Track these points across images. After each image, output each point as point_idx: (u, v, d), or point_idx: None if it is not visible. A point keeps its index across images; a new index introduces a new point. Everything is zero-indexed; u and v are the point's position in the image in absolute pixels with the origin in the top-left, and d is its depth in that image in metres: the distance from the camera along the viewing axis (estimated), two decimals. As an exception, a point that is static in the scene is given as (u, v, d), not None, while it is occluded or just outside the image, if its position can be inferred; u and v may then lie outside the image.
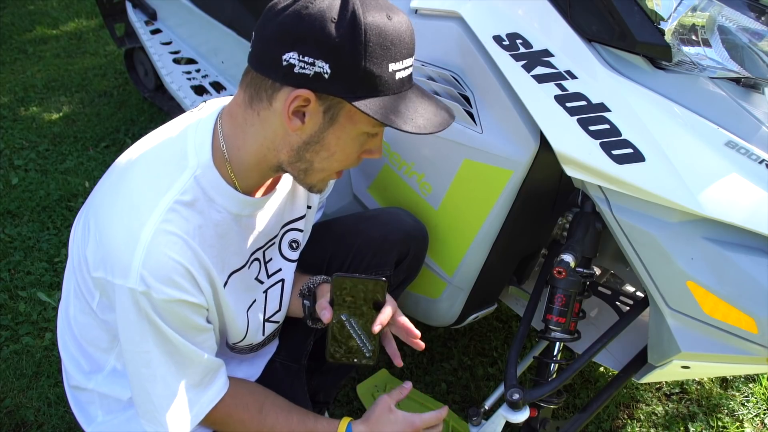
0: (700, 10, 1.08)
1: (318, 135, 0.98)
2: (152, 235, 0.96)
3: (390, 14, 0.93)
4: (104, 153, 2.87)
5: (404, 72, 0.97)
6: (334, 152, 1.01)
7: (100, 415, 1.20)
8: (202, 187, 1.02)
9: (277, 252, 1.22)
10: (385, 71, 0.93)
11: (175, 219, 0.98)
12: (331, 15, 0.90)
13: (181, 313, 1.00)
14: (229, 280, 1.10)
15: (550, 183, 1.35)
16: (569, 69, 1.15)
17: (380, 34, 0.91)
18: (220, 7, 2.41)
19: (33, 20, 4.28)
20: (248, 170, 1.04)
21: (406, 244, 1.38)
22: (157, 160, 1.03)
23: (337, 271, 1.38)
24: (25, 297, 2.09)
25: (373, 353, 1.15)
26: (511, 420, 1.31)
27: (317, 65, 0.90)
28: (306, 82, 0.92)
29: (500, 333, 2.01)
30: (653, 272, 1.16)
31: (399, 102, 0.96)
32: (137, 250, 0.95)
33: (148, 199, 0.98)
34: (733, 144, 1.08)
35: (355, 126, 0.98)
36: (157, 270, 0.96)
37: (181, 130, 1.05)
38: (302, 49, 0.90)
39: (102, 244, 1.00)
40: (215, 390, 1.10)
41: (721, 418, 1.77)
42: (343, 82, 0.92)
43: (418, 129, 0.96)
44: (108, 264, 0.98)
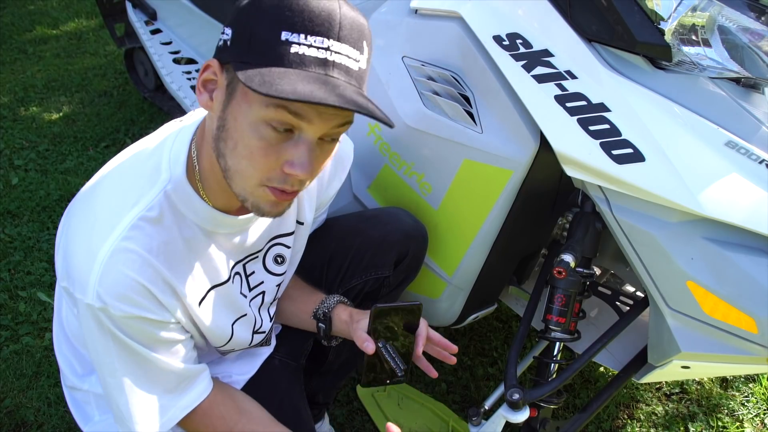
0: (700, 10, 1.08)
1: (222, 116, 0.88)
2: (110, 252, 0.93)
3: None
4: (104, 153, 2.87)
5: (306, 49, 0.81)
6: (236, 141, 0.87)
7: (97, 415, 1.20)
8: (172, 202, 0.98)
9: (260, 265, 1.19)
10: (275, 38, 0.80)
11: (136, 236, 0.94)
12: None
13: (143, 328, 0.98)
14: (208, 295, 1.07)
15: (550, 183, 1.35)
16: (569, 69, 1.15)
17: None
18: (220, 7, 2.41)
19: (33, 20, 4.28)
20: (215, 188, 0.98)
21: (406, 244, 1.38)
22: (130, 173, 1.00)
23: (336, 270, 1.38)
24: (25, 297, 2.09)
25: (406, 372, 1.15)
26: (511, 420, 1.31)
27: (225, 32, 0.86)
28: (218, 53, 0.88)
29: (500, 333, 2.01)
30: (653, 272, 1.16)
31: (282, 73, 0.79)
32: (94, 267, 0.93)
33: (112, 214, 0.95)
34: (733, 144, 1.08)
35: (251, 107, 0.84)
36: (113, 287, 0.93)
37: (159, 141, 1.02)
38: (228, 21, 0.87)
39: (66, 257, 0.98)
40: (192, 396, 1.08)
41: (721, 418, 1.77)
42: (236, 48, 0.83)
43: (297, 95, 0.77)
44: (71, 277, 0.97)
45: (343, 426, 1.72)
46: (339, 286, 1.39)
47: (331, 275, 1.38)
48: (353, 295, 1.40)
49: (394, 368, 1.13)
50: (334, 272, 1.38)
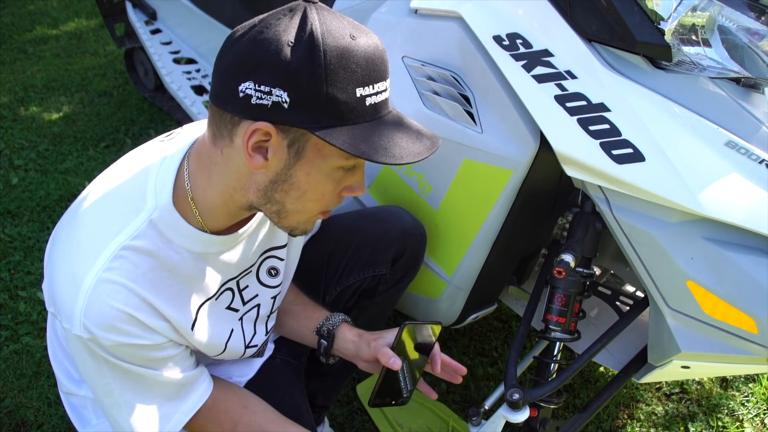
0: (700, 10, 1.08)
1: (285, 173, 0.90)
2: (94, 284, 0.91)
3: (354, 34, 0.85)
4: (104, 153, 2.87)
5: (376, 97, 0.87)
6: (305, 191, 0.92)
7: (94, 419, 1.20)
8: (159, 230, 0.96)
9: (254, 278, 1.17)
10: (351, 97, 0.84)
11: (120, 266, 0.93)
12: (287, 38, 0.82)
13: (135, 353, 0.97)
14: (199, 314, 1.06)
15: (550, 183, 1.35)
16: (569, 69, 1.15)
17: (343, 55, 0.83)
18: (220, 7, 2.41)
19: (33, 20, 4.28)
20: (215, 210, 0.98)
21: (404, 242, 1.38)
22: (113, 200, 0.98)
23: (335, 268, 1.39)
24: (25, 297, 2.09)
25: (411, 392, 1.16)
26: (511, 420, 1.31)
27: (275, 94, 0.82)
28: (265, 113, 0.84)
29: (500, 333, 2.01)
30: (653, 272, 1.16)
31: (371, 130, 0.86)
32: (78, 300, 0.92)
33: (95, 244, 0.94)
34: (733, 144, 1.08)
35: (326, 160, 0.89)
36: (99, 319, 0.92)
37: (142, 168, 1.00)
38: (258, 77, 0.82)
39: (51, 285, 0.97)
40: (194, 399, 1.08)
41: (721, 418, 1.77)
42: (305, 111, 0.83)
43: (393, 159, 0.86)
44: (56, 305, 0.96)
45: (343, 426, 1.72)
46: (337, 284, 1.39)
47: (329, 273, 1.39)
48: (350, 292, 1.40)
49: (402, 388, 1.14)
50: (332, 270, 1.38)
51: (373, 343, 1.17)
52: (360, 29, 0.87)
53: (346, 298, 1.41)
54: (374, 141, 0.86)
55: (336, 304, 1.42)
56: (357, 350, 1.21)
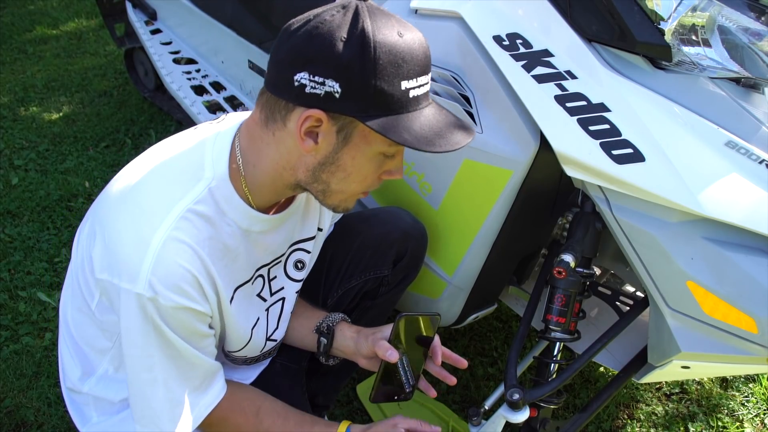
0: (700, 10, 1.08)
1: (332, 155, 0.98)
2: (163, 241, 0.96)
3: (402, 31, 0.92)
4: (104, 153, 2.87)
5: (419, 90, 0.95)
6: (350, 173, 1.00)
7: (95, 416, 1.21)
8: (216, 199, 1.02)
9: (282, 270, 1.22)
10: (397, 89, 0.92)
11: (186, 227, 0.98)
12: (341, 34, 0.89)
13: (186, 319, 1.00)
14: (235, 295, 1.10)
15: (550, 183, 1.35)
16: (569, 69, 1.15)
17: (391, 51, 0.90)
18: (220, 7, 2.41)
19: (33, 20, 4.28)
20: (263, 187, 1.04)
21: (404, 243, 1.38)
22: (173, 168, 1.03)
23: (336, 271, 1.38)
24: (25, 297, 2.09)
25: (413, 387, 1.16)
26: (511, 420, 1.31)
27: (327, 84, 0.90)
28: (317, 101, 0.91)
29: (500, 333, 2.01)
30: (653, 272, 1.16)
31: (413, 120, 0.94)
32: (147, 256, 0.95)
33: (161, 206, 0.98)
34: (733, 144, 1.08)
35: (370, 146, 0.97)
36: (166, 277, 0.96)
37: (198, 141, 1.06)
38: (312, 68, 0.90)
39: (110, 247, 0.99)
40: (214, 393, 1.10)
41: (721, 418, 1.77)
42: (354, 101, 0.91)
43: (433, 148, 0.94)
44: (115, 267, 0.98)
45: (343, 426, 1.72)
46: (339, 287, 1.39)
47: (331, 276, 1.39)
48: (352, 295, 1.40)
49: (404, 383, 1.14)
50: (333, 273, 1.38)
51: (371, 337, 1.18)
52: (406, 26, 0.94)
53: (348, 301, 1.42)
54: (416, 130, 0.93)
55: (338, 307, 1.42)
56: (356, 346, 1.21)
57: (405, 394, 1.16)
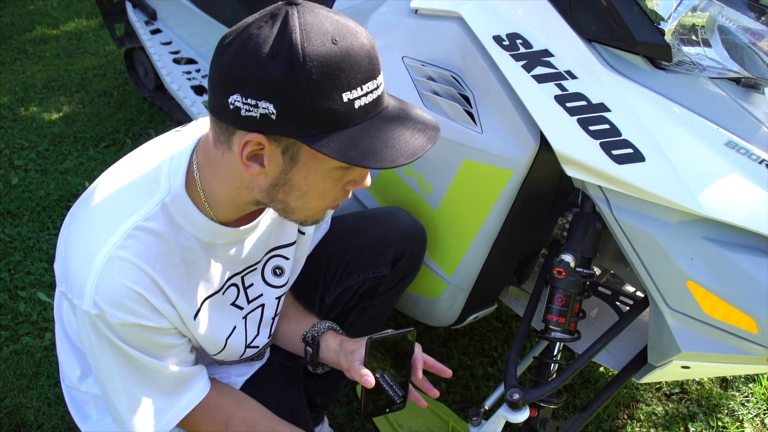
0: (700, 10, 1.08)
1: (283, 177, 0.92)
2: (106, 260, 0.93)
3: (337, 37, 0.83)
4: (104, 153, 2.87)
5: (366, 98, 0.86)
6: (306, 191, 0.94)
7: (94, 414, 1.21)
8: (170, 214, 0.99)
9: (259, 277, 1.18)
10: (338, 103, 0.84)
11: (132, 245, 0.95)
12: (266, 50, 0.82)
13: (140, 335, 0.98)
14: (203, 307, 1.07)
15: (550, 183, 1.35)
16: (569, 69, 1.15)
17: (324, 63, 0.82)
18: (220, 7, 2.41)
19: (33, 20, 4.28)
20: (224, 204, 1.00)
21: (403, 243, 1.37)
22: (128, 183, 1.01)
23: (334, 270, 1.38)
24: (25, 297, 2.09)
25: (404, 399, 1.15)
26: (511, 420, 1.31)
27: (261, 106, 0.83)
28: (255, 124, 0.85)
29: (500, 333, 2.01)
30: (653, 272, 1.16)
31: (362, 134, 0.86)
32: (90, 274, 0.94)
33: (109, 222, 0.96)
34: (733, 144, 1.08)
35: (321, 164, 0.90)
36: (108, 295, 0.94)
37: (158, 154, 1.03)
38: (243, 90, 0.83)
39: (65, 261, 1.00)
40: (191, 396, 1.09)
41: (721, 418, 1.77)
42: (292, 121, 0.84)
43: (384, 163, 0.86)
44: (68, 282, 0.98)
45: (342, 426, 1.72)
46: (337, 286, 1.39)
47: (328, 275, 1.38)
48: (350, 294, 1.40)
49: (392, 397, 1.13)
50: (331, 272, 1.38)
51: (349, 357, 1.14)
52: (343, 30, 0.85)
53: (346, 300, 1.41)
54: (364, 145, 0.86)
55: (336, 306, 1.41)
56: (338, 360, 1.18)
57: (396, 405, 1.15)
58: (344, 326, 1.45)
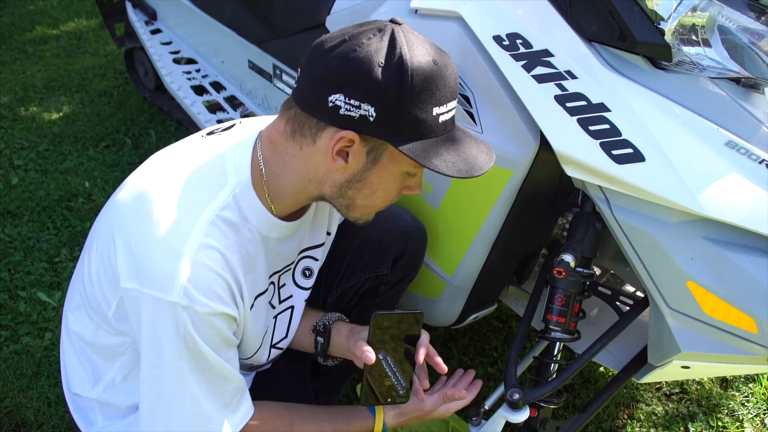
0: (700, 10, 1.08)
1: (361, 174, 1.00)
2: (196, 248, 0.96)
3: (436, 58, 0.94)
4: (104, 153, 2.86)
5: (447, 115, 0.97)
6: (375, 190, 1.02)
7: (100, 420, 1.19)
8: (240, 205, 1.02)
9: (290, 278, 1.22)
10: (429, 115, 0.94)
11: (215, 233, 0.98)
12: (378, 59, 0.91)
13: (219, 326, 1.00)
14: (255, 303, 1.10)
15: (550, 183, 1.35)
16: (569, 69, 1.15)
17: (426, 79, 0.92)
18: (220, 7, 2.41)
19: (33, 20, 4.27)
20: (286, 197, 1.05)
21: (404, 242, 1.38)
22: (193, 175, 1.02)
23: (336, 270, 1.38)
24: (25, 297, 2.09)
25: (407, 390, 1.14)
26: (511, 420, 1.31)
27: (363, 108, 0.91)
28: (351, 123, 0.93)
29: (500, 333, 2.01)
30: (653, 272, 1.16)
31: (441, 145, 0.97)
32: (181, 265, 0.95)
33: (188, 213, 0.98)
34: (733, 144, 1.08)
35: (398, 166, 1.00)
36: (201, 282, 0.96)
37: (215, 148, 1.06)
38: (349, 91, 0.91)
39: (139, 256, 0.97)
40: (243, 411, 1.09)
41: (721, 418, 1.77)
42: (388, 126, 0.93)
43: (459, 173, 0.97)
44: (146, 276, 0.96)
45: (343, 426, 1.72)
46: (339, 285, 1.39)
47: (331, 275, 1.39)
48: (351, 293, 1.40)
49: (395, 385, 1.12)
50: (333, 272, 1.39)
51: (352, 339, 1.17)
52: (439, 52, 0.96)
53: (348, 299, 1.42)
54: (443, 155, 0.96)
55: (337, 305, 1.42)
56: (348, 344, 1.19)
57: (399, 396, 1.13)
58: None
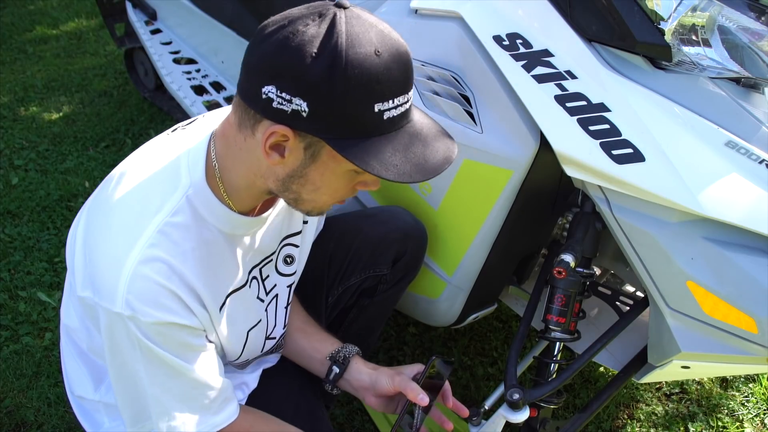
0: (700, 10, 1.08)
1: (300, 170, 0.93)
2: (138, 260, 0.93)
3: (379, 49, 0.84)
4: (104, 153, 2.87)
5: (395, 110, 0.88)
6: (319, 187, 0.96)
7: (106, 422, 1.19)
8: (194, 206, 0.99)
9: (273, 268, 1.19)
10: (369, 112, 0.85)
11: (162, 242, 0.95)
12: (311, 49, 0.82)
13: (171, 334, 0.97)
14: (228, 301, 1.07)
15: (550, 183, 1.35)
16: (569, 69, 1.15)
17: (363, 72, 0.83)
18: (220, 7, 2.41)
19: (33, 20, 4.28)
20: (240, 191, 1.01)
21: (404, 243, 1.38)
22: (149, 179, 1.00)
23: (336, 270, 1.39)
24: (25, 297, 2.09)
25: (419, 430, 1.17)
26: (511, 420, 1.31)
27: (294, 102, 0.84)
28: (284, 118, 0.86)
29: (500, 333, 2.01)
30: (653, 272, 1.16)
31: (386, 144, 0.88)
32: (122, 275, 0.93)
33: (137, 221, 0.96)
34: (733, 144, 1.08)
35: (340, 164, 0.92)
36: (142, 294, 0.93)
37: (173, 148, 1.03)
38: (280, 84, 0.84)
39: (90, 266, 0.97)
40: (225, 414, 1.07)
41: (721, 418, 1.77)
42: (323, 122, 0.85)
43: (400, 177, 0.88)
44: (95, 286, 0.96)
45: (343, 426, 1.72)
46: (339, 285, 1.40)
47: (331, 275, 1.39)
48: (351, 292, 1.41)
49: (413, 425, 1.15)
50: (334, 271, 1.39)
51: (397, 378, 1.17)
52: (387, 42, 0.86)
53: (347, 298, 1.42)
54: (385, 156, 0.88)
55: (337, 305, 1.42)
56: (374, 382, 1.20)
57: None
58: (344, 324, 1.46)
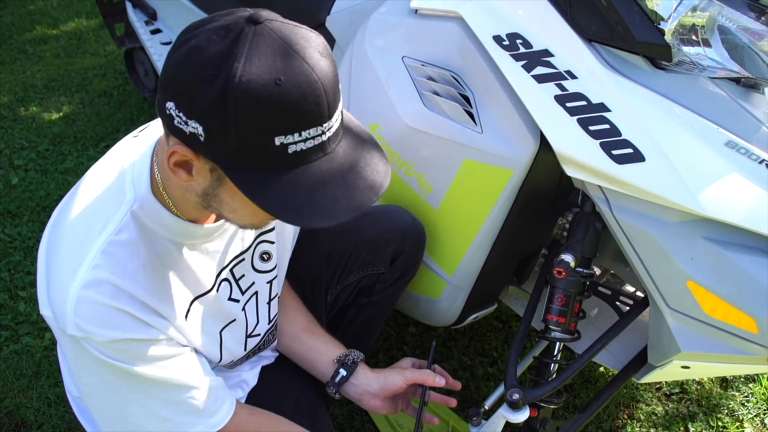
0: (700, 10, 1.08)
1: (212, 191, 0.86)
2: (82, 284, 0.90)
3: (282, 77, 0.74)
4: (104, 153, 2.86)
5: (303, 144, 0.77)
6: (235, 209, 0.88)
7: None
8: (141, 221, 0.95)
9: (249, 266, 1.16)
10: (267, 145, 0.76)
11: (106, 263, 0.91)
12: (209, 70, 0.74)
13: (134, 349, 0.94)
14: (192, 307, 1.04)
15: (550, 183, 1.35)
16: (569, 69, 1.15)
17: (257, 102, 0.73)
18: (220, 8, 2.41)
19: (33, 20, 4.27)
20: (183, 203, 0.95)
21: (402, 241, 1.38)
22: (93, 198, 0.97)
23: (334, 268, 1.39)
24: (25, 297, 2.09)
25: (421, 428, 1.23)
26: (511, 420, 1.31)
27: (191, 125, 0.76)
28: (185, 138, 0.79)
29: (500, 333, 2.01)
30: (653, 272, 1.16)
31: (287, 182, 0.78)
32: (68, 299, 0.90)
33: (81, 243, 0.93)
34: (733, 144, 1.08)
35: None
36: (89, 317, 0.91)
37: (118, 163, 0.99)
38: (178, 102, 0.76)
39: (47, 285, 0.96)
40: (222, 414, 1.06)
41: (721, 418, 1.77)
42: (218, 150, 0.77)
43: (297, 221, 0.80)
44: (52, 307, 0.94)
45: (343, 426, 1.72)
46: (338, 283, 1.40)
47: (329, 273, 1.39)
48: (349, 291, 1.41)
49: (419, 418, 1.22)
50: (332, 270, 1.39)
51: (407, 373, 1.23)
52: (296, 68, 0.75)
53: (345, 296, 1.42)
54: (284, 195, 0.79)
55: (336, 303, 1.42)
56: (383, 384, 1.24)
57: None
58: (343, 323, 1.46)
